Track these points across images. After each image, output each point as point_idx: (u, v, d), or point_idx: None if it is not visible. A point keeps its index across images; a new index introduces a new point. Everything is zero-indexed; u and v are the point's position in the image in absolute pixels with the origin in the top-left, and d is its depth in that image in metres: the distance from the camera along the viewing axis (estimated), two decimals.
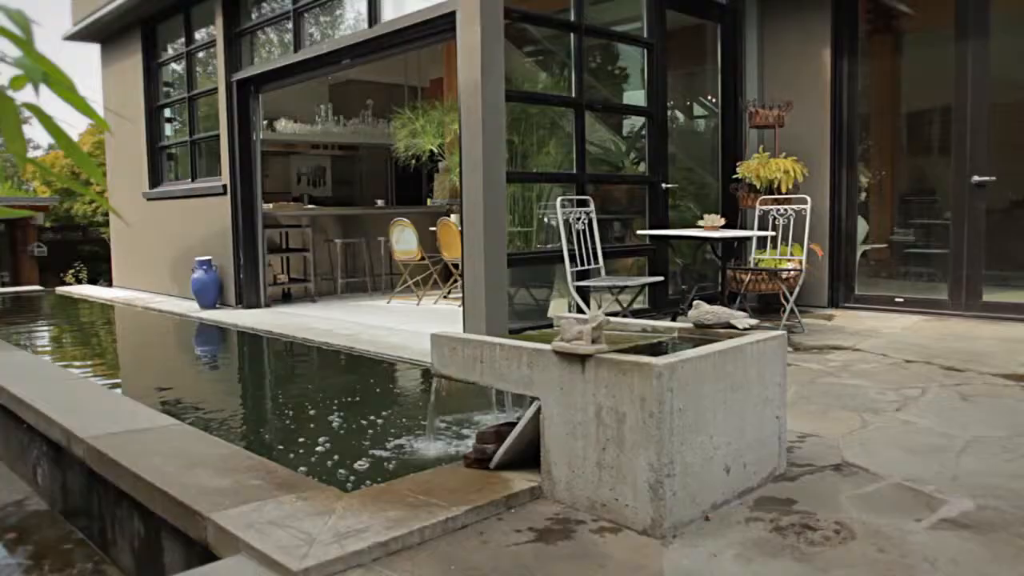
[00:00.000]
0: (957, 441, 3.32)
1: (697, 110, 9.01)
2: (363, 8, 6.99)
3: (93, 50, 11.86)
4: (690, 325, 3.21)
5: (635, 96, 7.86)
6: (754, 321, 3.05)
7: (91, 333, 8.48)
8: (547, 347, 2.66)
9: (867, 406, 3.92)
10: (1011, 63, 6.98)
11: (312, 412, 4.41)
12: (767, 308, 7.14)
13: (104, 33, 11.17)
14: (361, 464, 3.31)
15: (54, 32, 12.18)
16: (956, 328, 6.30)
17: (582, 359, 2.55)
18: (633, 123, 8.05)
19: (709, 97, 8.43)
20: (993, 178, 6.65)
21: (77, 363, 6.17)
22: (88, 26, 10.88)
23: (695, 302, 3.24)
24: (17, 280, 16.87)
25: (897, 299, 7.27)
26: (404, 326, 6.96)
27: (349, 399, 4.70)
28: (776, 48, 7.81)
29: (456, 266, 8.25)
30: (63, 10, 15.18)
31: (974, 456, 3.12)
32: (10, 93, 0.96)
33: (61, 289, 12.53)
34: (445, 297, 8.69)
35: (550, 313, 6.61)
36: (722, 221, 6.12)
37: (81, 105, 1.03)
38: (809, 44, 7.57)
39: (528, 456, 2.82)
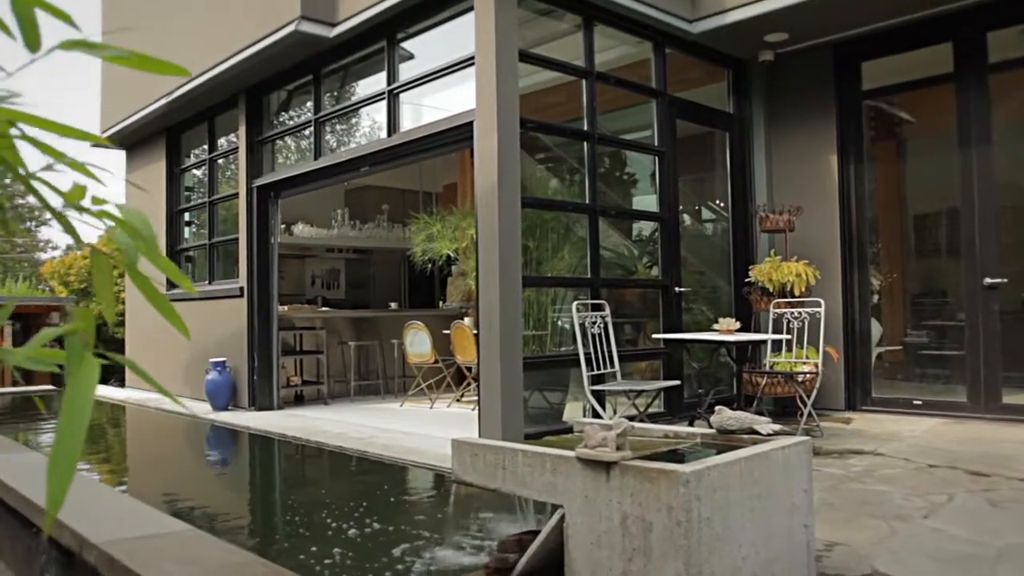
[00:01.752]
0: (990, 550, 3.23)
1: (707, 214, 9.17)
2: (382, 118, 7.24)
3: (118, 156, 12.24)
4: (712, 431, 3.18)
5: (644, 200, 8.03)
6: (777, 427, 3.03)
7: (102, 434, 8.43)
8: (571, 454, 2.64)
9: (894, 513, 3.84)
10: (1015, 166, 7.14)
11: (327, 518, 4.34)
12: (784, 412, 7.07)
13: (130, 140, 11.56)
14: (379, 573, 3.24)
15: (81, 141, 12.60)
16: (977, 431, 6.21)
17: (607, 466, 2.53)
18: (641, 226, 8.19)
19: (718, 202, 8.59)
20: (1005, 280, 6.69)
21: (88, 465, 6.11)
22: (115, 134, 11.26)
23: (717, 407, 3.22)
24: (30, 380, 16.88)
25: (915, 401, 7.20)
26: (418, 430, 6.90)
27: (364, 505, 4.63)
28: (784, 154, 8.01)
29: (469, 369, 8.25)
30: (92, 118, 15.73)
31: (1010, 566, 3.04)
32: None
33: None
34: (458, 400, 8.65)
35: (565, 417, 6.56)
36: (737, 324, 6.14)
37: (174, 273, 1.06)
38: (816, 150, 7.76)
39: (551, 565, 2.76)
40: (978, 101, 6.85)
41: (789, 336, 6.62)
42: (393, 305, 11.38)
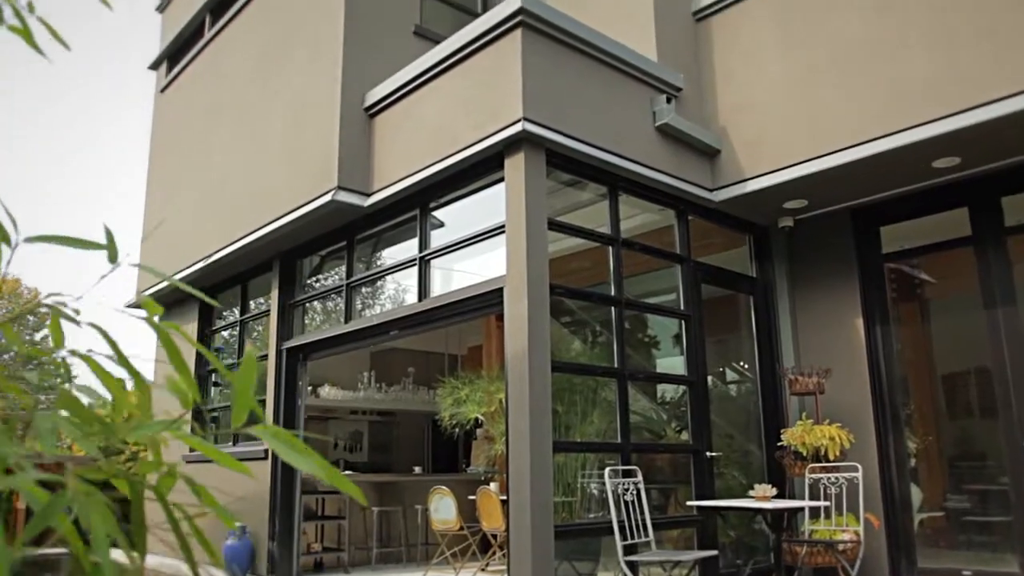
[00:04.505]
0: None
1: (733, 376, 9.13)
2: (412, 283, 7.40)
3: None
4: None
5: (668, 362, 8.03)
6: None
7: None
8: None
9: None
10: None
11: None
12: None
13: (165, 301, 11.82)
14: None
15: (116, 302, 12.97)
16: None
17: None
18: (665, 388, 8.15)
19: (743, 364, 8.57)
20: None
21: None
22: (151, 295, 11.54)
23: None
24: (39, 541, 16.51)
25: (964, 572, 6.86)
26: None
27: None
28: (809, 316, 8.05)
29: (495, 536, 8.01)
30: (129, 283, 16.22)
31: None
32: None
33: None
34: (483, 569, 8.34)
35: None
36: (774, 491, 5.98)
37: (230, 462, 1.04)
38: (840, 312, 7.80)
39: None
40: (997, 263, 6.93)
41: (827, 503, 6.43)
42: (417, 469, 11.19)
